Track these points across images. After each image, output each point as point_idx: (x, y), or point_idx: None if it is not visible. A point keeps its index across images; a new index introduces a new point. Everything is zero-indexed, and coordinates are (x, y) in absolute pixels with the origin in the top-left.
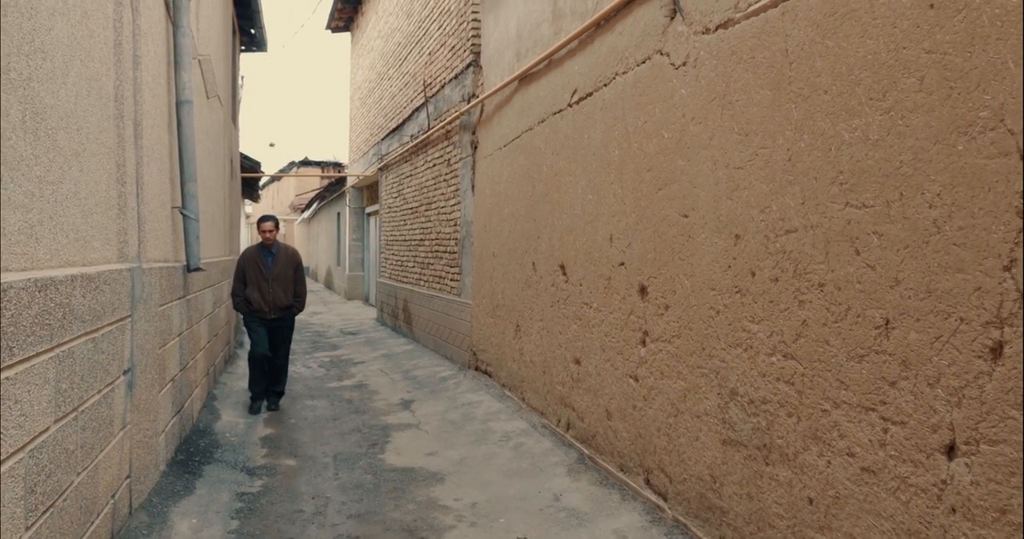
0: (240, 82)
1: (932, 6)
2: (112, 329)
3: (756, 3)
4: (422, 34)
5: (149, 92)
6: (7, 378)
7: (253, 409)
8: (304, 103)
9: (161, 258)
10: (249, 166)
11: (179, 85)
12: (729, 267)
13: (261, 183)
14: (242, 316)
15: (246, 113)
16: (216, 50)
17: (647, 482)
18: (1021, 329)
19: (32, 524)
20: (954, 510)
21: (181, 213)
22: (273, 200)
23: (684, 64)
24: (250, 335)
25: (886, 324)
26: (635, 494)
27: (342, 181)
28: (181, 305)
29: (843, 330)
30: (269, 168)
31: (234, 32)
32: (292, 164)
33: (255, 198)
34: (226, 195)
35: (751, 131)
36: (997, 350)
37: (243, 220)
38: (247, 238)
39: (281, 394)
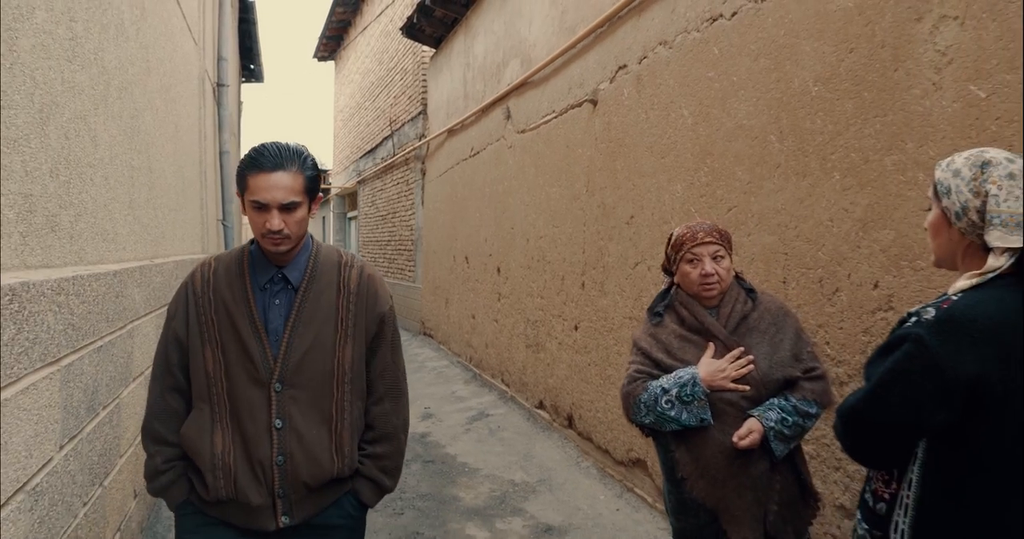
0: (240, 107)
1: (567, 145)
2: None
3: (533, 124)
4: (389, 80)
5: (208, 151)
6: None
7: None
8: (295, 120)
9: (214, 251)
10: None
11: (221, 141)
12: (525, 255)
13: None
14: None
15: (244, 130)
16: (229, 96)
17: (502, 380)
18: (591, 275)
19: None
20: (585, 352)
21: (223, 224)
22: None
23: (511, 147)
24: None
25: (562, 278)
26: (496, 388)
27: (326, 189)
28: None
29: (554, 283)
30: None
31: (238, 68)
32: None
33: None
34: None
35: (531, 188)
36: (584, 285)
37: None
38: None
39: None
